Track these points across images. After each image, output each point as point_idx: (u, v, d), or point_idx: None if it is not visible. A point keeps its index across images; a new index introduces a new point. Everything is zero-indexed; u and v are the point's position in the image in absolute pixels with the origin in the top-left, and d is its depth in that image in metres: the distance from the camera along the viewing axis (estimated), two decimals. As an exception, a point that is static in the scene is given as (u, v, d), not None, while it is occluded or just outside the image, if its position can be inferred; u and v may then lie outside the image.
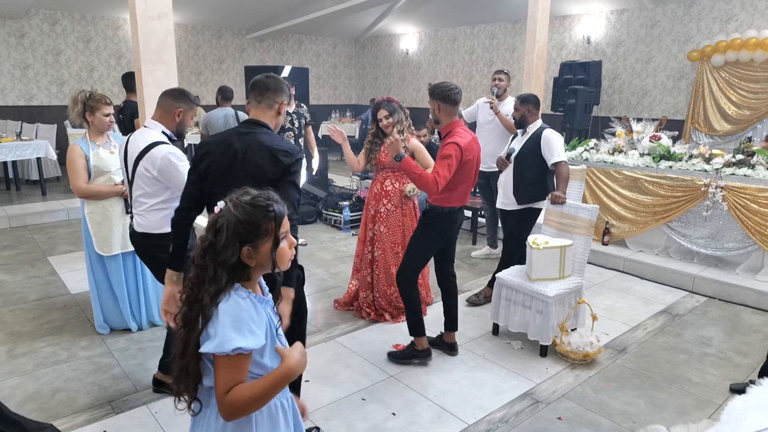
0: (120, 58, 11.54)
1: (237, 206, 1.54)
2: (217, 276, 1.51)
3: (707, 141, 8.72)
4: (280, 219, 1.58)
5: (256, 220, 1.54)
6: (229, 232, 1.51)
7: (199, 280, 1.53)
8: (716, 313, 4.61)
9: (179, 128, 3.09)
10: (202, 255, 1.54)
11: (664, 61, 9.65)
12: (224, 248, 1.51)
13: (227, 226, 1.52)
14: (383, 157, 4.22)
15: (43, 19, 10.48)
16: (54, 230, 6.95)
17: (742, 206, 4.84)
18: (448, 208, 3.53)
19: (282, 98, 2.54)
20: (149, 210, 3.02)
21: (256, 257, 1.55)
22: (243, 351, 1.45)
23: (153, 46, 4.11)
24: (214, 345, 1.44)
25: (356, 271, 4.56)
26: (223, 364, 1.46)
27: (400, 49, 14.46)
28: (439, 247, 3.70)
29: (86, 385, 3.37)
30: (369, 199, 4.42)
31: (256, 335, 1.49)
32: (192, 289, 1.55)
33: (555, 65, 10.65)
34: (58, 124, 9.86)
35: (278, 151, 2.40)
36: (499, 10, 11.22)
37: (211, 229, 1.55)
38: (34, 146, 8.30)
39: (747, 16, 8.62)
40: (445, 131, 3.47)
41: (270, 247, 1.57)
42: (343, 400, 3.26)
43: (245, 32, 13.30)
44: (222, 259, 1.51)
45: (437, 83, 3.47)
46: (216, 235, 1.53)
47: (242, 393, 1.46)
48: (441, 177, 3.26)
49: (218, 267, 1.51)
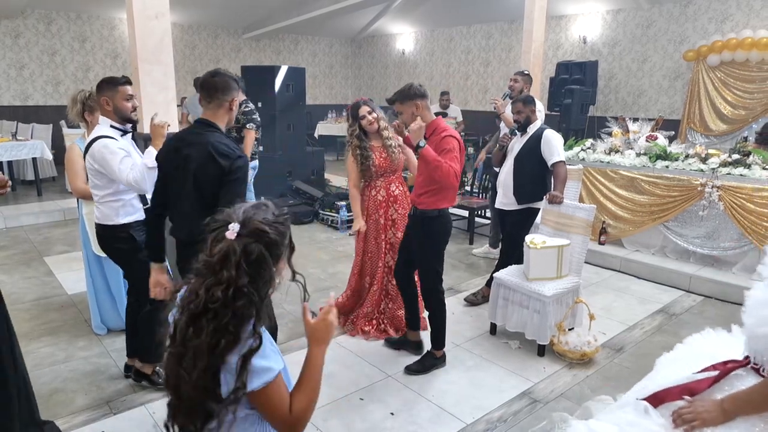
0: (116, 57, 11.50)
1: (270, 226, 1.40)
2: (259, 310, 1.37)
3: (703, 141, 8.74)
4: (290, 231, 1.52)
5: (284, 237, 1.45)
6: (269, 259, 1.38)
7: (240, 321, 1.36)
8: (712, 313, 4.63)
9: (119, 114, 3.13)
10: (242, 294, 1.34)
11: (660, 60, 9.68)
12: (270, 280, 1.39)
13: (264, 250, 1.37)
14: (382, 161, 3.96)
15: (38, 18, 10.44)
16: (50, 230, 6.92)
17: (738, 206, 4.86)
18: (438, 211, 3.44)
19: (230, 95, 2.60)
20: (102, 202, 3.19)
21: (279, 272, 1.47)
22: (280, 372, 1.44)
23: (150, 45, 4.11)
24: (261, 381, 1.39)
25: (350, 286, 4.29)
26: (272, 391, 1.42)
27: (397, 48, 14.46)
28: (443, 247, 3.59)
29: (84, 385, 3.37)
30: (370, 208, 4.04)
31: (277, 351, 1.49)
32: (226, 334, 1.35)
33: (551, 65, 10.67)
34: (53, 124, 9.82)
35: (218, 154, 2.48)
36: (496, 10, 11.23)
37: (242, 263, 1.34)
38: (29, 146, 8.27)
39: (743, 16, 8.65)
40: (430, 129, 3.42)
41: (288, 257, 1.50)
42: (341, 400, 3.27)
43: (241, 32, 13.28)
44: (264, 291, 1.38)
45: (401, 89, 3.39)
46: (254, 267, 1.36)
47: (302, 399, 1.46)
48: (456, 169, 3.24)
49: (260, 301, 1.37)
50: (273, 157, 8.45)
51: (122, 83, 3.11)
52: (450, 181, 3.23)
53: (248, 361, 1.35)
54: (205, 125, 2.60)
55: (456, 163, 3.25)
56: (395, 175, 4.10)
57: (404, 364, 3.64)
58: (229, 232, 1.35)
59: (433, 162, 3.20)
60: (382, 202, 4.03)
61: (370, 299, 4.13)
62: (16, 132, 8.85)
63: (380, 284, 4.12)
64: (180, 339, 1.38)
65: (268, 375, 1.40)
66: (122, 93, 3.10)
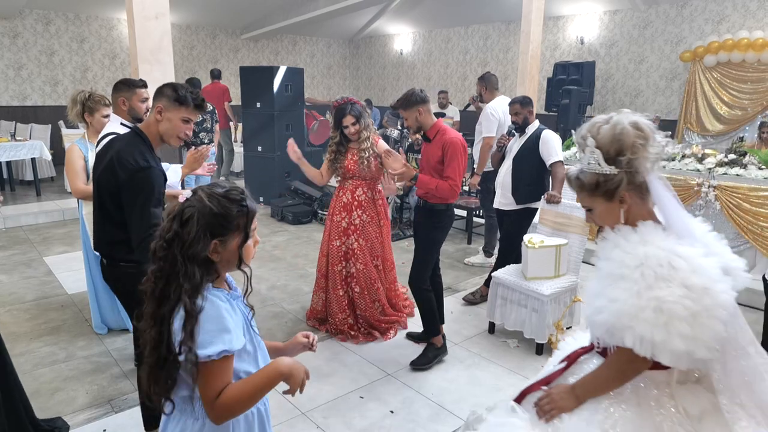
0: (114, 58, 11.51)
1: (211, 197, 1.48)
2: (189, 271, 1.43)
3: (699, 141, 8.78)
4: (252, 215, 1.54)
5: (230, 213, 1.49)
6: (200, 223, 1.44)
7: (164, 273, 1.45)
8: (709, 311, 4.66)
9: (132, 114, 3.29)
10: (165, 246, 1.45)
11: (656, 61, 9.72)
12: (194, 241, 1.44)
13: (198, 217, 1.45)
14: (351, 164, 3.97)
15: (36, 19, 10.44)
16: (49, 231, 6.93)
17: (735, 205, 4.90)
18: (445, 205, 3.58)
19: (157, 101, 2.46)
20: None
21: (223, 253, 1.50)
22: (228, 353, 1.43)
23: (150, 46, 4.13)
24: (202, 352, 1.40)
25: (321, 289, 4.16)
26: (211, 369, 1.42)
27: (395, 49, 14.48)
28: (443, 239, 3.72)
29: (85, 384, 3.38)
30: (335, 209, 4.07)
31: (237, 335, 1.47)
32: (157, 284, 1.47)
33: (549, 65, 10.71)
34: (52, 125, 9.83)
35: (119, 164, 2.35)
36: (493, 11, 11.27)
37: (177, 218, 1.46)
38: (28, 146, 8.28)
39: (739, 17, 8.70)
40: (434, 130, 3.55)
41: (238, 244, 1.52)
42: (341, 398, 3.29)
43: (239, 32, 13.29)
44: (191, 253, 1.44)
45: (403, 96, 3.51)
46: (183, 226, 1.45)
47: (233, 394, 1.45)
48: (458, 181, 3.45)
49: (188, 261, 1.44)
50: (271, 158, 8.47)
51: (140, 86, 3.33)
52: (453, 195, 3.49)
53: (193, 311, 1.41)
54: (132, 131, 2.50)
55: (457, 173, 3.44)
56: (365, 180, 4.03)
57: (404, 363, 3.67)
58: (181, 197, 1.51)
59: (428, 190, 3.48)
60: (346, 204, 4.02)
61: (339, 304, 4.04)
62: (15, 132, 8.86)
63: (344, 289, 4.04)
64: None
65: (211, 350, 1.41)
66: (138, 95, 3.31)
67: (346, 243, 4.01)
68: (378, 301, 4.08)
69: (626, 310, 1.49)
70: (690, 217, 1.65)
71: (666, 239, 1.53)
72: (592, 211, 1.70)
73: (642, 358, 1.49)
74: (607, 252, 1.63)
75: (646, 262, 1.49)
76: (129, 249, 2.41)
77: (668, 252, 1.49)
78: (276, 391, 1.57)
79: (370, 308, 4.03)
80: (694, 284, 1.45)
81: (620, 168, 1.57)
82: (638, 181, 1.59)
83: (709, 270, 1.48)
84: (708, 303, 1.44)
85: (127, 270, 2.47)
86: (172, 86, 2.43)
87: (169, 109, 2.40)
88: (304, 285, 5.10)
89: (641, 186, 1.60)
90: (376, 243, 4.06)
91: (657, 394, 1.59)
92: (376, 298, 4.07)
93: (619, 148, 1.56)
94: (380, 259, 4.10)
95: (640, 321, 1.47)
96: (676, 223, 1.56)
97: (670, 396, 1.58)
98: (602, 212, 1.67)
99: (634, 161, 1.55)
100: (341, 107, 3.94)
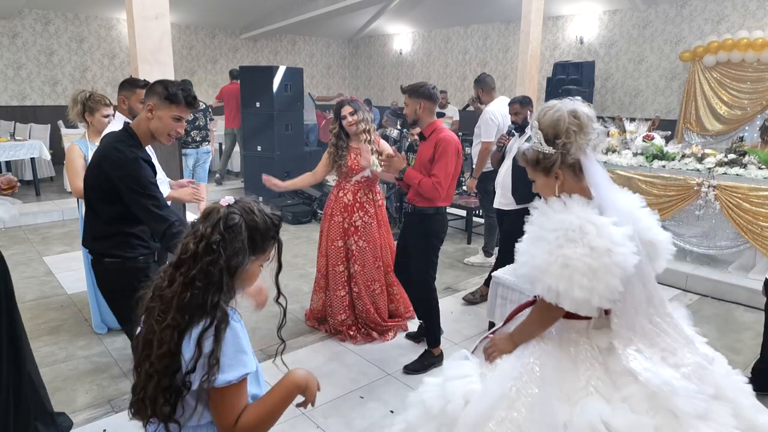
0: (113, 58, 11.50)
1: (260, 211, 1.41)
2: (225, 283, 1.34)
3: (699, 141, 8.79)
4: (281, 246, 1.49)
5: (269, 234, 1.43)
6: (245, 235, 1.37)
7: (204, 281, 1.34)
8: (709, 311, 4.67)
9: (132, 113, 3.34)
10: (212, 250, 1.34)
11: (656, 61, 9.72)
12: (239, 252, 1.35)
13: (245, 227, 1.37)
14: (354, 164, 3.95)
15: (35, 19, 10.43)
16: (48, 230, 6.93)
17: (735, 205, 4.90)
18: (435, 209, 3.50)
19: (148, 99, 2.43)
20: None
21: (243, 274, 1.41)
22: (247, 375, 1.38)
23: (150, 46, 4.12)
24: (223, 377, 1.32)
25: (321, 289, 4.15)
26: (228, 393, 1.35)
27: (394, 49, 14.48)
28: (440, 245, 3.64)
29: (85, 384, 3.38)
30: (334, 209, 4.04)
31: (251, 355, 1.42)
32: (189, 290, 1.34)
33: (548, 65, 10.71)
34: (51, 124, 9.82)
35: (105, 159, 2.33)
36: (493, 11, 11.27)
37: (220, 223, 1.36)
38: (28, 146, 8.27)
39: (738, 17, 8.70)
40: (430, 129, 3.50)
41: (257, 270, 1.45)
42: (341, 398, 3.29)
43: (239, 32, 13.28)
44: (234, 264, 1.35)
45: (416, 83, 3.48)
46: (228, 231, 1.35)
47: (253, 416, 1.38)
48: (442, 180, 3.34)
49: (226, 273, 1.34)
50: (271, 158, 8.47)
51: (140, 86, 3.33)
52: (435, 194, 3.37)
53: (221, 331, 1.32)
54: (122, 129, 2.48)
55: (444, 173, 3.35)
56: (365, 182, 4.03)
57: (404, 363, 3.67)
58: (224, 200, 1.42)
59: (415, 182, 3.40)
60: (347, 205, 3.99)
61: (340, 304, 4.03)
62: (14, 132, 8.85)
63: (345, 290, 4.04)
64: (155, 293, 1.40)
65: (244, 370, 1.35)
66: (138, 95, 3.31)
67: (347, 243, 4.01)
68: (376, 303, 4.07)
69: (539, 265, 1.78)
70: (622, 193, 1.94)
71: (585, 210, 1.78)
72: (535, 183, 1.99)
73: (555, 306, 1.78)
74: (535, 218, 1.91)
75: (562, 226, 1.76)
76: (112, 244, 2.43)
77: (582, 219, 1.74)
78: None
79: (368, 309, 4.03)
80: (597, 246, 1.69)
81: (556, 149, 1.84)
82: (571, 161, 1.86)
83: (614, 235, 1.72)
84: (607, 262, 1.68)
85: (109, 266, 2.46)
86: (163, 83, 2.40)
87: (159, 107, 2.38)
88: (303, 285, 5.11)
89: (574, 165, 1.87)
90: (377, 244, 4.05)
91: (576, 336, 1.90)
92: (375, 299, 4.06)
93: (555, 132, 1.84)
94: (381, 261, 4.09)
95: (548, 274, 1.75)
96: (604, 199, 1.82)
97: (586, 336, 1.89)
98: (542, 185, 1.96)
99: (568, 144, 1.82)
100: (341, 102, 4.03)
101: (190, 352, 1.33)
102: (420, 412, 2.05)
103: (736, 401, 1.85)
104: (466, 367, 2.05)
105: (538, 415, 1.77)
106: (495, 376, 1.93)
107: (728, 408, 1.78)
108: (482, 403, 1.87)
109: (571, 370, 1.83)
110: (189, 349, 1.33)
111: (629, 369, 1.75)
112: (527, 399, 1.82)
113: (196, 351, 1.31)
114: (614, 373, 1.80)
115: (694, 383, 1.75)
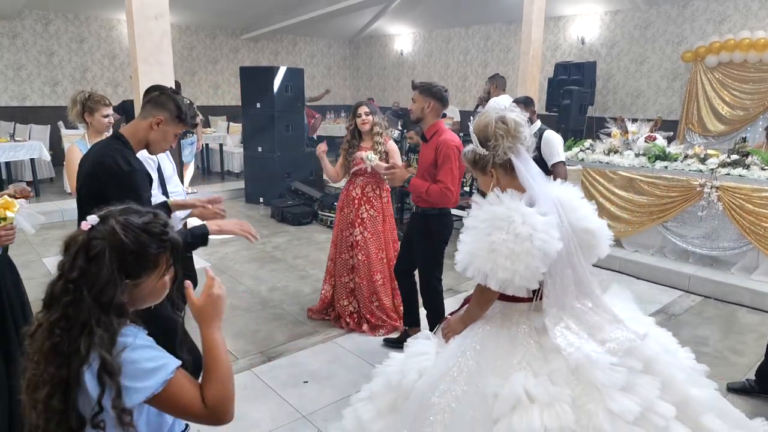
0: (113, 58, 11.49)
1: (127, 229, 1.24)
2: (104, 320, 1.19)
3: (701, 141, 8.76)
4: (177, 249, 1.33)
5: (148, 251, 1.26)
6: (113, 263, 1.21)
7: (72, 323, 1.19)
8: (712, 313, 4.64)
9: None
10: (72, 289, 1.20)
11: (658, 61, 9.70)
12: (107, 285, 1.20)
13: (109, 254, 1.21)
14: (357, 159, 4.13)
15: (36, 19, 10.42)
16: (48, 231, 6.90)
17: (737, 206, 4.87)
18: (437, 210, 3.49)
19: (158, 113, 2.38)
20: None
21: (134, 293, 1.28)
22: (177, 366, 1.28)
23: (150, 46, 4.11)
24: (151, 385, 1.21)
25: (330, 276, 4.35)
26: (174, 388, 1.25)
27: (395, 49, 14.47)
28: (445, 246, 3.62)
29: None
30: (345, 202, 4.25)
31: (166, 356, 1.29)
32: (62, 338, 1.18)
33: (550, 66, 10.68)
34: (51, 125, 9.81)
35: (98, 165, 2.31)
36: (494, 11, 11.25)
37: (81, 254, 1.21)
38: (27, 147, 8.25)
39: (740, 17, 8.68)
40: (432, 130, 3.48)
41: (154, 283, 1.30)
42: (342, 401, 3.26)
43: (239, 33, 13.28)
44: (105, 299, 1.20)
45: (430, 82, 3.47)
46: (90, 263, 1.21)
47: (213, 389, 1.30)
48: (451, 185, 3.32)
49: (101, 309, 1.19)
50: (272, 158, 8.45)
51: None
52: (445, 199, 3.36)
53: (114, 375, 1.17)
54: (111, 136, 2.45)
55: (451, 176, 3.34)
56: (373, 178, 4.16)
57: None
58: (85, 223, 1.26)
59: (423, 192, 3.39)
60: (355, 198, 4.19)
61: (344, 290, 4.26)
62: (14, 133, 8.84)
63: (349, 277, 4.25)
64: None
65: (163, 372, 1.23)
66: None
67: (353, 234, 4.18)
68: (375, 294, 4.17)
69: (470, 250, 2.00)
70: (560, 187, 2.11)
71: (514, 202, 1.96)
72: (477, 180, 2.13)
73: (486, 288, 1.97)
74: (473, 211, 2.10)
75: (492, 216, 1.95)
76: None
77: (511, 210, 1.92)
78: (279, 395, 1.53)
79: (366, 299, 4.17)
80: (521, 233, 1.88)
81: (488, 150, 2.05)
82: (501, 161, 2.06)
83: (537, 224, 1.89)
84: (527, 246, 1.86)
85: None
86: (175, 102, 2.39)
87: (168, 123, 2.40)
88: (304, 286, 5.08)
89: (506, 164, 2.07)
90: (381, 237, 4.21)
91: (517, 317, 2.10)
92: (374, 290, 4.16)
93: (485, 136, 2.06)
94: (384, 253, 4.22)
95: (477, 257, 1.96)
96: (534, 193, 2.00)
97: (527, 317, 2.08)
98: (481, 182, 2.21)
99: (497, 146, 2.03)
100: (360, 101, 4.21)
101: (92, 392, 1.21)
102: (383, 383, 2.32)
103: (669, 374, 1.98)
104: (426, 346, 2.31)
105: (473, 387, 1.99)
106: (443, 354, 2.18)
107: (656, 381, 1.91)
108: (430, 377, 2.12)
109: (508, 348, 2.02)
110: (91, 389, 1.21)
111: (556, 345, 1.94)
112: (466, 373, 2.04)
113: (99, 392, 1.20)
114: (546, 350, 1.98)
115: (619, 357, 1.90)
